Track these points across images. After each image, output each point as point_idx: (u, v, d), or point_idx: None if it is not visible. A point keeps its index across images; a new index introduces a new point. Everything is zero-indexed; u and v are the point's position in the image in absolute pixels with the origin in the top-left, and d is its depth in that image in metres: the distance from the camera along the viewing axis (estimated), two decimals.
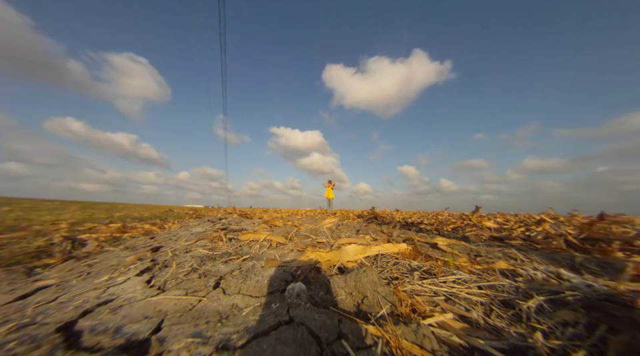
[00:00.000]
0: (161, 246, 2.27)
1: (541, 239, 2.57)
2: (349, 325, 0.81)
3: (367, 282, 1.10)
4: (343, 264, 1.52)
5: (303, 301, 0.96)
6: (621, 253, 1.94)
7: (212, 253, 1.85)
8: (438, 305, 1.02)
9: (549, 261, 1.73)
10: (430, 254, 1.83)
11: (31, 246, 2.34)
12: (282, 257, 1.76)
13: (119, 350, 0.71)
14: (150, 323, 0.84)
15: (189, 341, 0.73)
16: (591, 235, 2.34)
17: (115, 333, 0.78)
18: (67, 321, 0.87)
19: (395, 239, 2.73)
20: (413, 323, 0.80)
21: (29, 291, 1.24)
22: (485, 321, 0.89)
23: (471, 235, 3.10)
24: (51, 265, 1.87)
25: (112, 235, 3.17)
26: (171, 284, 1.22)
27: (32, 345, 0.73)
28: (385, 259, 1.68)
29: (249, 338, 0.74)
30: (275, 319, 0.84)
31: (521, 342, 0.75)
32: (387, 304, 0.99)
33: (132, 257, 1.79)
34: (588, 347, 0.71)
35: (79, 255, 2.12)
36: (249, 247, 2.11)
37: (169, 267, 1.50)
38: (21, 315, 0.93)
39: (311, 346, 0.70)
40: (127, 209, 10.27)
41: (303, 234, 2.84)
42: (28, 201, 12.45)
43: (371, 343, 0.72)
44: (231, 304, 0.98)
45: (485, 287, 1.17)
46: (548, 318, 0.87)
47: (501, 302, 1.02)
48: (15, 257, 2.00)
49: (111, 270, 1.52)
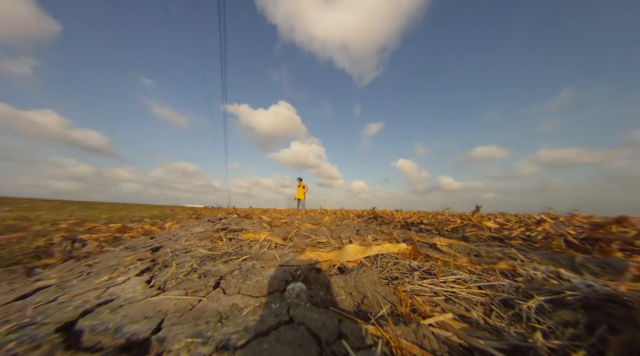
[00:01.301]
0: (161, 246, 2.27)
1: (541, 239, 2.57)
2: (349, 325, 0.81)
3: (366, 282, 1.10)
4: (343, 264, 1.52)
5: (303, 301, 0.96)
6: (620, 252, 1.94)
7: (212, 253, 1.86)
8: (438, 304, 1.02)
9: (549, 261, 1.73)
10: (430, 254, 1.83)
11: (31, 246, 2.34)
12: (282, 256, 1.76)
13: (119, 350, 0.71)
14: (150, 323, 0.84)
15: (188, 341, 0.73)
16: (590, 235, 2.34)
17: (114, 333, 0.78)
18: (67, 321, 0.87)
19: (395, 238, 2.74)
20: (412, 323, 0.80)
21: (29, 291, 1.24)
22: (485, 321, 0.89)
23: (471, 235, 3.10)
24: (51, 265, 1.87)
25: (112, 235, 3.17)
26: (171, 284, 1.22)
27: (32, 345, 0.73)
28: (385, 259, 1.68)
29: (249, 338, 0.74)
30: (275, 319, 0.84)
31: (521, 342, 0.75)
32: (387, 304, 0.99)
33: (132, 257, 1.79)
34: (588, 346, 0.71)
35: (79, 255, 2.12)
36: (249, 246, 2.11)
37: (169, 267, 1.50)
38: (21, 315, 0.93)
39: (311, 346, 0.70)
40: (127, 209, 10.27)
41: (303, 234, 2.84)
42: (28, 201, 12.45)
43: (371, 343, 0.72)
44: (231, 304, 0.98)
45: (484, 287, 1.17)
46: (548, 318, 0.87)
47: (501, 302, 1.02)
48: (15, 257, 2.00)
49: (111, 270, 1.52)
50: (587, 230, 2.51)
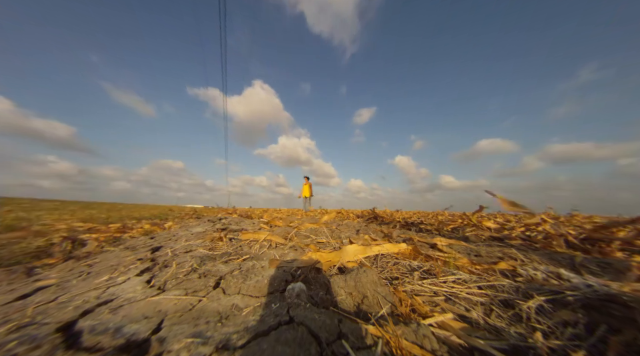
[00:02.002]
0: (161, 246, 2.27)
1: (541, 239, 2.57)
2: (349, 325, 0.81)
3: (367, 282, 1.10)
4: (343, 264, 1.52)
5: (303, 301, 0.96)
6: (620, 253, 1.94)
7: (212, 253, 1.86)
8: (438, 304, 1.02)
9: (549, 261, 1.73)
10: (430, 254, 1.83)
11: (31, 246, 2.34)
12: (282, 256, 1.76)
13: (119, 350, 0.71)
14: (150, 323, 0.84)
15: (188, 341, 0.73)
16: (591, 235, 2.34)
17: (114, 333, 0.78)
18: (67, 321, 0.87)
19: (395, 239, 2.74)
20: (412, 323, 0.80)
21: (29, 291, 1.24)
22: (485, 321, 0.89)
23: (471, 235, 3.10)
24: (51, 265, 1.87)
25: (112, 235, 3.17)
26: (171, 284, 1.22)
27: (32, 345, 0.73)
28: (385, 259, 1.68)
29: (249, 338, 0.74)
30: (275, 319, 0.84)
31: (521, 342, 0.75)
32: (387, 304, 0.99)
33: (132, 257, 1.80)
34: (588, 346, 0.71)
35: (79, 255, 2.12)
36: (249, 246, 2.11)
37: (169, 267, 1.50)
38: (21, 315, 0.93)
39: (311, 346, 0.70)
40: (127, 209, 10.27)
41: (303, 234, 2.84)
42: (28, 201, 12.46)
43: (371, 343, 0.72)
44: (231, 304, 0.98)
45: (485, 287, 1.17)
46: (548, 318, 0.87)
47: (501, 302, 1.02)
48: (15, 257, 2.00)
49: (111, 270, 1.52)
50: (587, 230, 2.50)
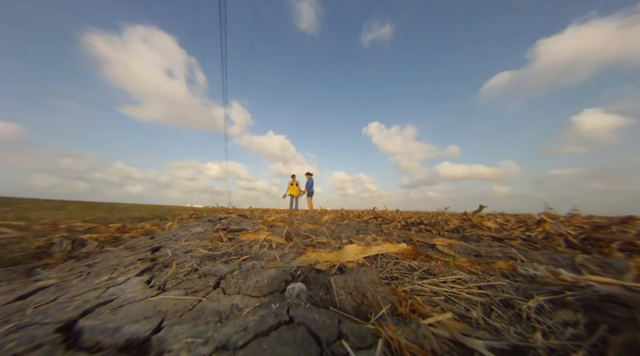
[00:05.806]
0: (161, 246, 2.27)
1: (541, 239, 2.57)
2: (349, 325, 0.81)
3: (366, 282, 1.10)
4: (343, 264, 1.52)
5: (303, 301, 0.96)
6: (620, 252, 1.94)
7: (212, 253, 1.85)
8: (438, 304, 1.02)
9: (549, 261, 1.73)
10: (430, 254, 1.83)
11: (31, 246, 2.34)
12: (282, 257, 1.76)
13: (119, 350, 0.71)
14: (150, 323, 0.84)
15: (188, 341, 0.73)
16: (591, 235, 2.34)
17: (114, 333, 0.78)
18: (67, 321, 0.87)
19: (395, 239, 2.74)
20: (412, 323, 0.80)
21: (28, 291, 1.24)
22: (485, 321, 0.89)
23: (471, 235, 3.10)
24: (51, 265, 1.87)
25: (112, 235, 3.17)
26: (171, 284, 1.22)
27: (32, 345, 0.73)
28: (385, 259, 1.68)
29: (248, 338, 0.74)
30: (274, 319, 0.84)
31: (521, 342, 0.75)
32: (386, 304, 0.99)
33: (132, 257, 1.80)
34: (588, 346, 0.71)
35: (79, 255, 2.12)
36: (249, 247, 2.11)
37: (169, 267, 1.50)
38: (21, 315, 0.93)
39: (311, 346, 0.70)
40: (127, 209, 10.28)
41: (302, 234, 2.84)
42: (28, 201, 12.46)
43: (371, 343, 0.72)
44: (231, 304, 0.98)
45: (484, 287, 1.17)
46: (548, 318, 0.87)
47: (501, 302, 1.02)
48: (15, 257, 1.99)
49: (111, 270, 1.52)
50: (587, 230, 2.50)
